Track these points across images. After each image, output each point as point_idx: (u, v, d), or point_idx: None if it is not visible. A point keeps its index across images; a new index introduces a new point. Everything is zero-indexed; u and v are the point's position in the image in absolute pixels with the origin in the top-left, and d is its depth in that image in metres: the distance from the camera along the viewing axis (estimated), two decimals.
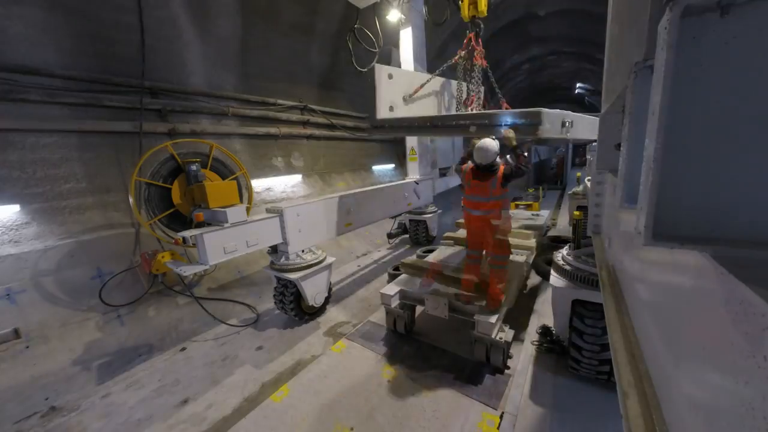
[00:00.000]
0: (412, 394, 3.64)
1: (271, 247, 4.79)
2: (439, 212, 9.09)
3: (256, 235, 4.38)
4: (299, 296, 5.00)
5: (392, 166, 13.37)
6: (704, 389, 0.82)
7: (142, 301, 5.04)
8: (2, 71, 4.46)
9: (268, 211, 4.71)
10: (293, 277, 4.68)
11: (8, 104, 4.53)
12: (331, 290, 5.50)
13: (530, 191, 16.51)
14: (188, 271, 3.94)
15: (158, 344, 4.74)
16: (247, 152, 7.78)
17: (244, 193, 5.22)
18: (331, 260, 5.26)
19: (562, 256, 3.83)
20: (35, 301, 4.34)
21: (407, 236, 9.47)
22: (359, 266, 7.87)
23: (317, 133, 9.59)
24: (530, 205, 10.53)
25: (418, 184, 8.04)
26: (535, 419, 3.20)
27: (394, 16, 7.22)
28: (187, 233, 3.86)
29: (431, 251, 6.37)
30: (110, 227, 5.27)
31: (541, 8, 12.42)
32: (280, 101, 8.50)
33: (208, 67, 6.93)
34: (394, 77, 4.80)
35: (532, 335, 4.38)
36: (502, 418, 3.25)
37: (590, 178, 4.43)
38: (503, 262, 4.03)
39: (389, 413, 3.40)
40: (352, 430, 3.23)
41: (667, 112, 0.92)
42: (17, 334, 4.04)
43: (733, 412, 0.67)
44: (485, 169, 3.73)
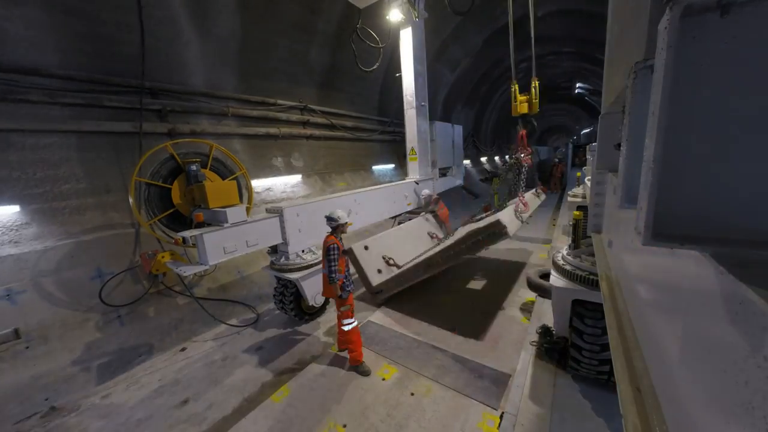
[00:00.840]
0: (411, 393, 3.65)
1: (270, 247, 4.79)
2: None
3: (256, 235, 4.38)
4: (299, 296, 5.00)
5: (392, 166, 13.38)
6: (704, 389, 0.82)
7: (141, 301, 5.04)
8: (1, 71, 4.45)
9: (268, 211, 4.71)
10: (293, 277, 4.68)
11: (8, 105, 4.53)
12: None
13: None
14: (188, 271, 3.94)
15: (158, 344, 4.74)
16: (247, 152, 7.79)
17: (244, 193, 5.23)
18: None
19: (562, 256, 3.83)
20: (35, 301, 4.34)
21: None
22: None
23: (317, 133, 9.60)
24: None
25: (418, 184, 8.03)
26: (535, 419, 3.20)
27: (395, 15, 7.22)
28: (187, 233, 3.85)
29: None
30: (110, 227, 5.27)
31: (538, 9, 12.50)
32: (279, 101, 8.50)
33: (207, 67, 6.94)
34: (369, 247, 5.56)
35: (532, 335, 4.38)
36: (502, 418, 3.25)
37: (590, 178, 4.43)
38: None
39: (383, 412, 3.40)
40: (345, 426, 3.25)
41: (667, 112, 0.92)
42: (17, 334, 4.04)
43: (733, 411, 0.67)
44: None
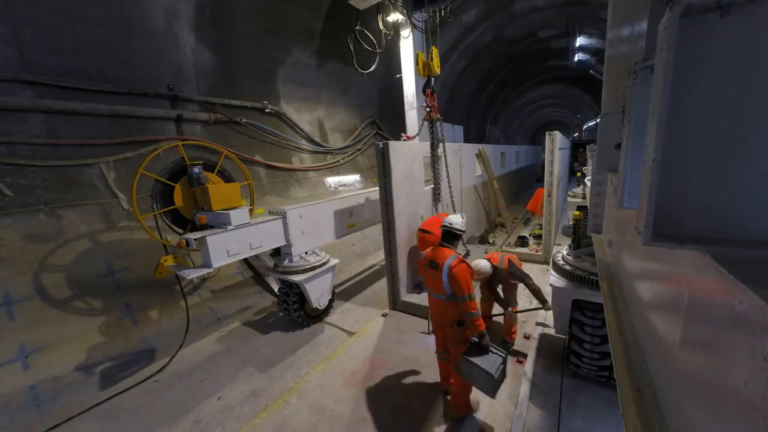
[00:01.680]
0: None
1: (273, 249, 4.80)
2: None
3: (259, 237, 4.39)
4: (303, 299, 5.00)
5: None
6: (704, 389, 0.82)
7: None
8: None
9: (271, 213, 4.72)
10: (297, 279, 4.67)
11: None
12: (335, 292, 5.49)
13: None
14: (192, 274, 3.94)
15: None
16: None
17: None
18: (334, 262, 5.26)
19: (562, 256, 3.82)
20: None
21: None
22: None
23: None
24: None
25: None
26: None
27: (394, 18, 7.21)
28: (190, 236, 3.86)
29: None
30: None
31: None
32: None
33: None
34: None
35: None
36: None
37: (590, 177, 4.42)
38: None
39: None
40: None
41: (667, 112, 0.92)
42: None
43: (733, 412, 0.67)
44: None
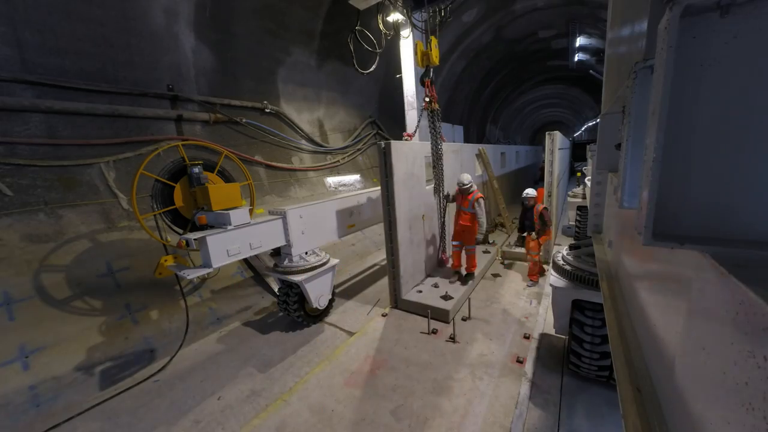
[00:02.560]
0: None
1: (273, 249, 4.80)
2: None
3: (259, 237, 4.38)
4: (303, 298, 5.00)
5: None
6: (704, 389, 0.82)
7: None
8: None
9: (271, 213, 4.72)
10: (297, 279, 4.67)
11: None
12: (335, 292, 5.49)
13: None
14: (192, 274, 3.94)
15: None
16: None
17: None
18: (335, 262, 5.25)
19: (562, 256, 3.82)
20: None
21: None
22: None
23: None
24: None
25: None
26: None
27: (394, 18, 7.21)
28: (190, 236, 3.86)
29: None
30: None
31: None
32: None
33: None
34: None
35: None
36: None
37: (590, 177, 4.42)
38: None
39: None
40: None
41: (667, 112, 0.92)
42: None
43: (733, 412, 0.67)
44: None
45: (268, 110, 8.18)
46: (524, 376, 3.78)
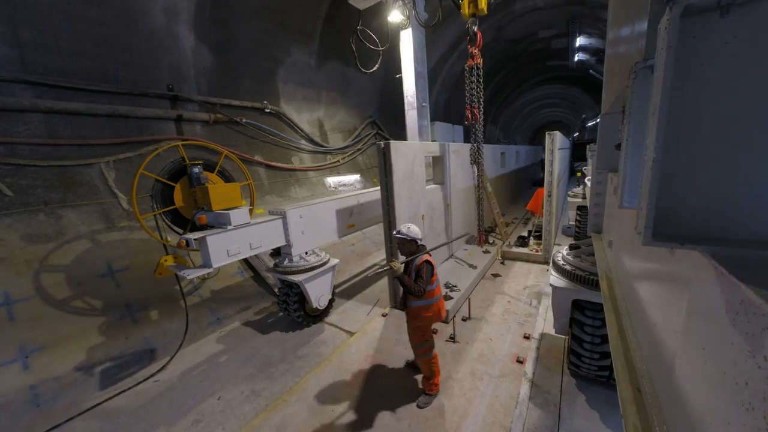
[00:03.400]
0: None
1: (273, 249, 4.79)
2: None
3: (259, 237, 4.38)
4: (303, 298, 4.99)
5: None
6: (704, 389, 0.82)
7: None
8: None
9: (271, 213, 4.72)
10: (297, 279, 4.67)
11: None
12: (335, 292, 5.49)
13: None
14: (192, 274, 3.94)
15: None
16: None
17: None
18: (334, 262, 5.25)
19: (562, 256, 3.82)
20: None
21: None
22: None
23: None
24: None
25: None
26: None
27: (395, 17, 7.22)
28: (190, 236, 3.86)
29: None
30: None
31: None
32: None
33: None
34: None
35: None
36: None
37: (590, 177, 4.42)
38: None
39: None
40: None
41: (667, 112, 0.92)
42: None
43: (733, 412, 0.67)
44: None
45: (268, 110, 8.18)
46: (524, 376, 3.78)
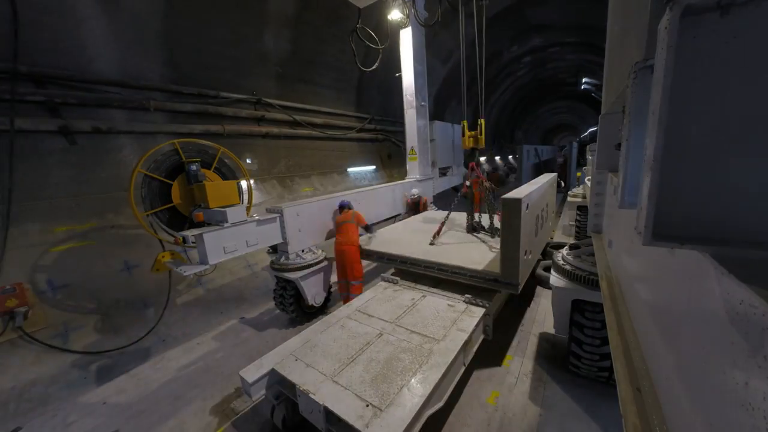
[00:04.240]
0: None
1: (270, 246, 4.80)
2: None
3: (256, 234, 4.38)
4: (299, 296, 5.00)
5: (373, 167, 12.06)
6: (704, 389, 0.82)
7: None
8: None
9: (267, 210, 4.72)
10: (293, 276, 4.68)
11: None
12: (331, 290, 5.49)
13: None
14: (189, 271, 3.93)
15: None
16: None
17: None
18: (331, 260, 5.25)
19: (562, 255, 3.83)
20: None
21: None
22: None
23: (276, 131, 8.33)
24: None
25: (420, 182, 8.02)
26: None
27: (395, 15, 7.22)
28: (187, 233, 3.86)
29: None
30: None
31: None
32: (223, 93, 7.19)
33: (118, 50, 5.58)
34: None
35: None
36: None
37: (590, 177, 4.43)
38: None
39: None
40: None
41: (667, 112, 0.92)
42: None
43: (733, 411, 0.67)
44: None
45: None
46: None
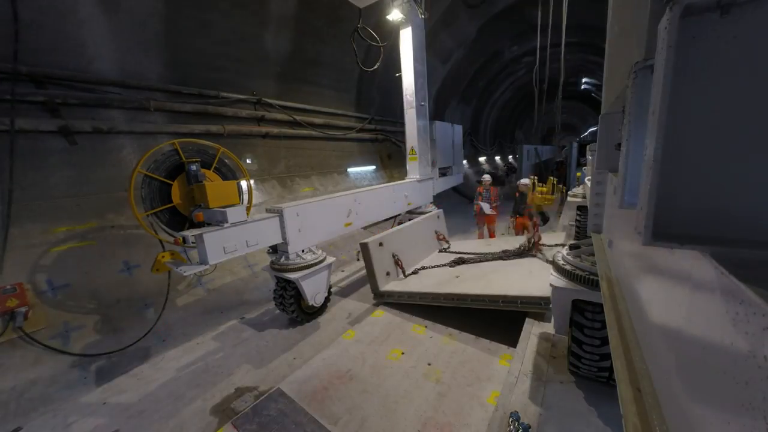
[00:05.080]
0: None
1: (270, 246, 4.79)
2: (440, 211, 8.48)
3: (256, 235, 4.37)
4: (299, 296, 5.00)
5: (373, 167, 12.08)
6: (704, 389, 0.82)
7: None
8: None
9: (267, 210, 4.72)
10: (293, 276, 4.68)
11: None
12: (330, 290, 5.50)
13: None
14: (189, 271, 3.94)
15: None
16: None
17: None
18: (331, 260, 5.25)
19: (562, 255, 3.82)
20: None
21: None
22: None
23: (276, 131, 8.43)
24: None
25: (420, 182, 8.01)
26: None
27: (395, 15, 7.20)
28: (187, 233, 3.86)
29: None
30: None
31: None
32: (224, 94, 7.30)
33: (119, 50, 5.72)
34: (384, 244, 5.66)
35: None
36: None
37: (590, 177, 4.43)
38: None
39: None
40: None
41: (667, 112, 0.92)
42: None
43: (733, 412, 0.67)
44: None
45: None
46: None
